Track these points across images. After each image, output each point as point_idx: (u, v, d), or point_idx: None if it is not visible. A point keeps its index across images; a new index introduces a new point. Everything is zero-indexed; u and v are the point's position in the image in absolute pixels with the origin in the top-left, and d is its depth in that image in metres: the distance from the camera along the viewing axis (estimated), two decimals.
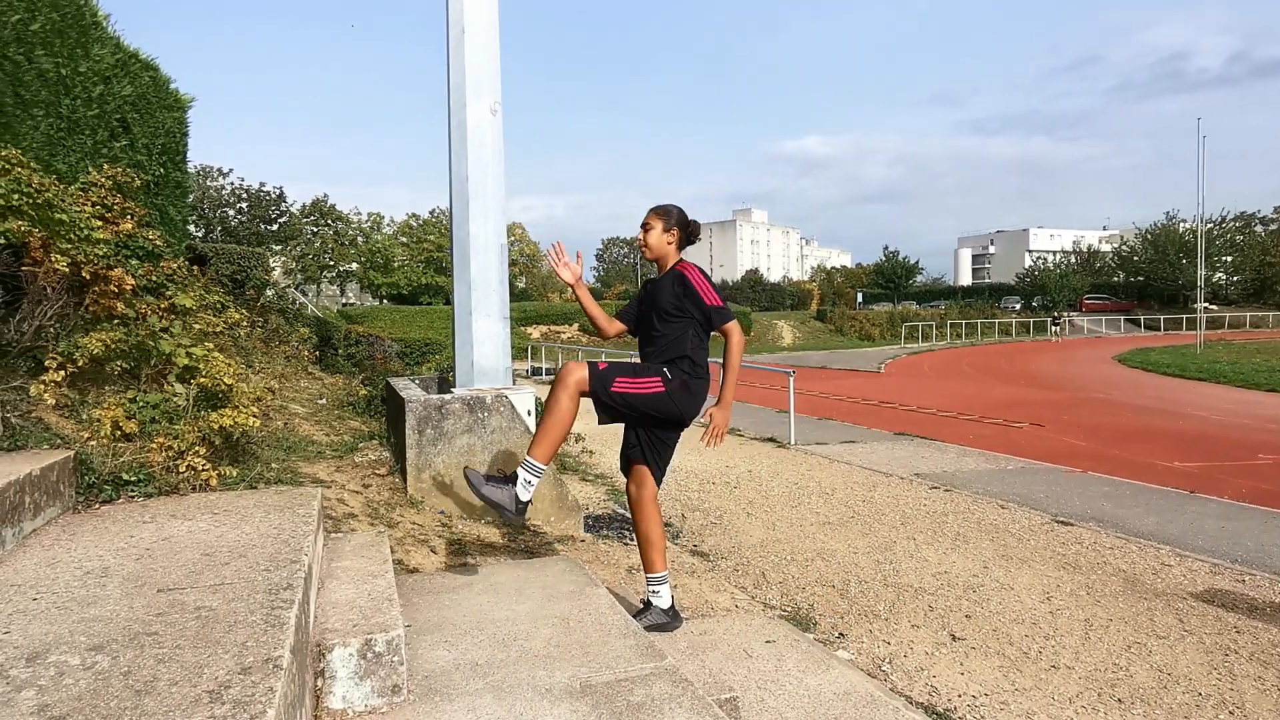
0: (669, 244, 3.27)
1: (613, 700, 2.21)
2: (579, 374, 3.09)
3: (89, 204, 4.24)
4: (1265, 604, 4.25)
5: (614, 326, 3.49)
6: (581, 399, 3.15)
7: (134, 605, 1.84)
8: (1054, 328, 40.99)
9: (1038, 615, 4.09)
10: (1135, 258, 59.47)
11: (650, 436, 3.22)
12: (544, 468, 3.09)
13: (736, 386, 3.20)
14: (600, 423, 3.25)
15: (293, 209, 44.02)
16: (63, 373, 3.20)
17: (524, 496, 3.07)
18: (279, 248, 42.80)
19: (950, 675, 3.43)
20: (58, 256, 3.46)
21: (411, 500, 4.71)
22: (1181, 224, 56.17)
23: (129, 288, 3.96)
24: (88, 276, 3.80)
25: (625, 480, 3.33)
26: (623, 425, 3.31)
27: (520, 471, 3.08)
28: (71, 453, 2.81)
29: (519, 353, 26.19)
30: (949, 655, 3.63)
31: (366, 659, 2.17)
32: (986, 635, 3.85)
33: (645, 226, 3.28)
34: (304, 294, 38.03)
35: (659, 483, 3.26)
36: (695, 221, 3.35)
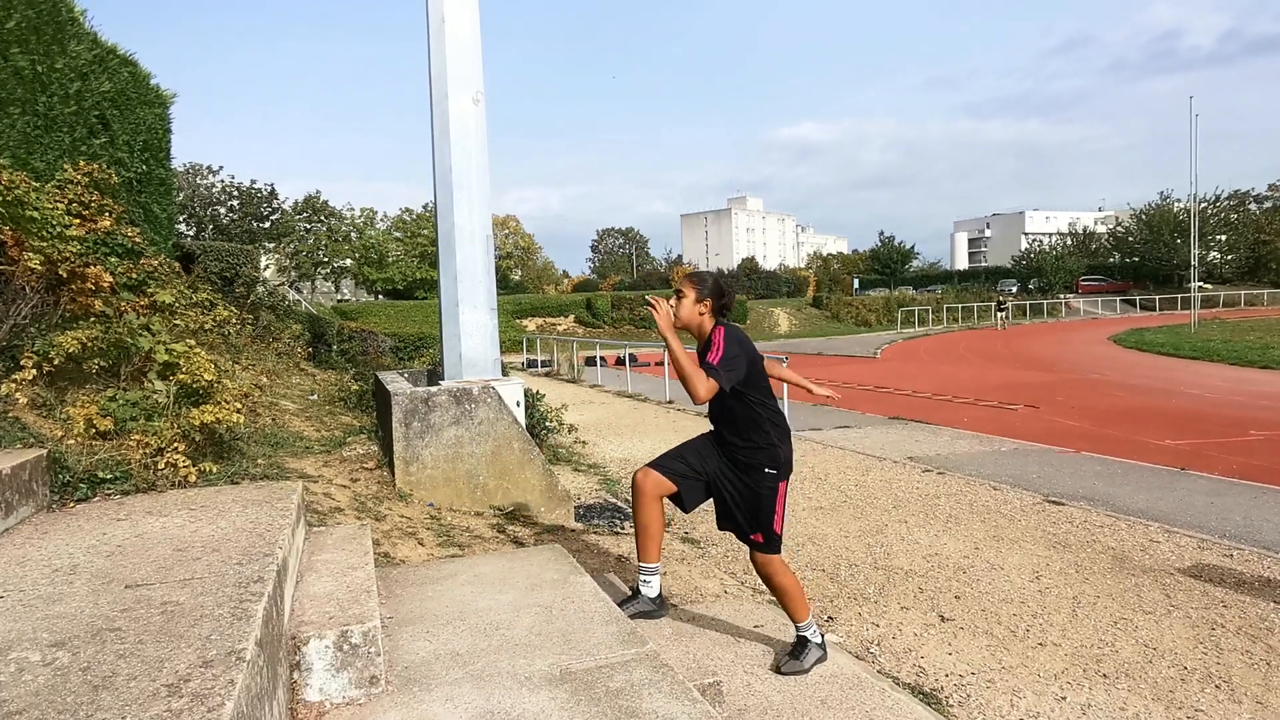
0: (701, 314, 3.08)
1: (591, 687, 2.21)
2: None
3: (64, 201, 4.20)
4: (1253, 578, 4.26)
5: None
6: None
7: (99, 602, 1.83)
8: (999, 314, 36.54)
9: (1027, 594, 4.09)
10: (1130, 238, 59.48)
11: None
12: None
13: (673, 358, 2.99)
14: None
15: (285, 206, 43.80)
16: (35, 372, 3.17)
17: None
18: (272, 245, 42.63)
19: (938, 655, 3.43)
20: (31, 255, 3.43)
21: (400, 493, 4.70)
22: (1176, 204, 56.13)
23: (107, 285, 3.93)
24: (64, 274, 3.77)
25: (643, 471, 3.19)
26: (618, 422, 3.28)
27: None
28: (45, 451, 2.78)
29: (514, 345, 26.16)
30: (938, 636, 3.63)
31: (343, 651, 2.16)
32: (975, 615, 3.85)
33: (678, 294, 3.12)
34: (298, 291, 37.95)
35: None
36: (730, 291, 3.20)
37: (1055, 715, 2.91)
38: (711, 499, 3.21)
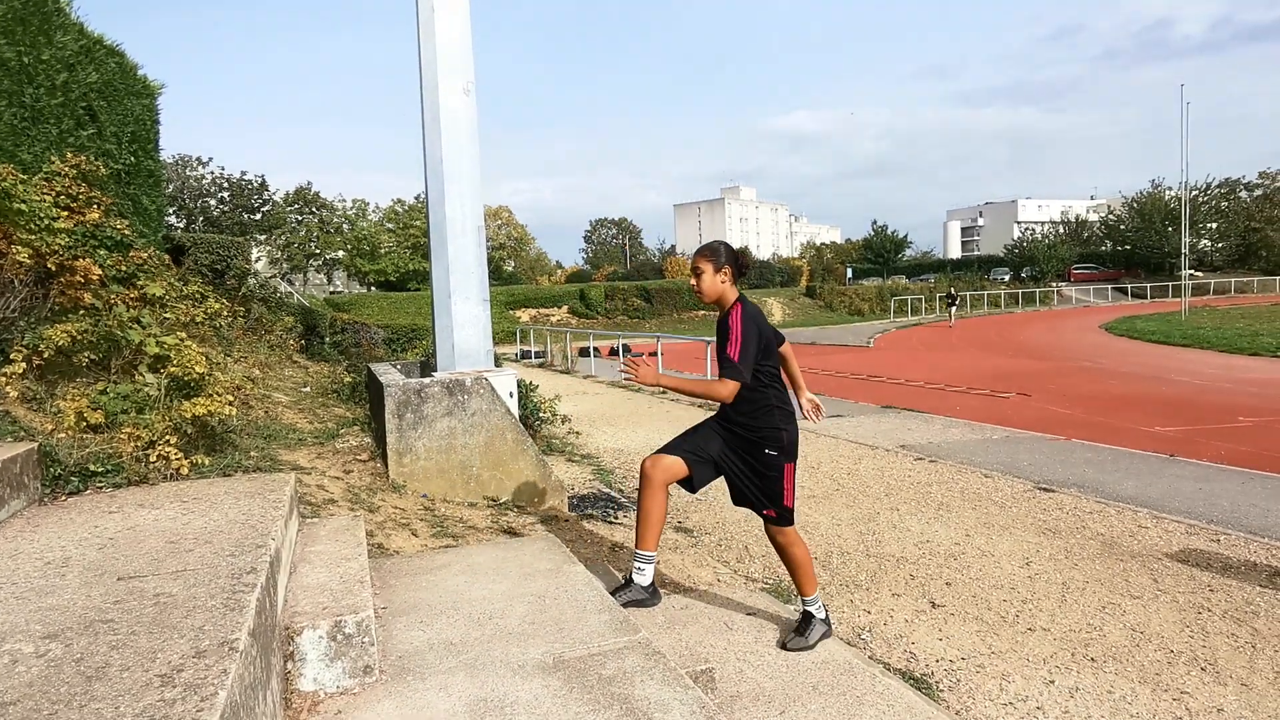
0: (724, 283, 3.13)
1: (584, 675, 2.22)
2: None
3: (52, 194, 4.17)
4: (1239, 562, 4.31)
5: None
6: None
7: (92, 594, 1.83)
8: (952, 308, 34.42)
9: (1016, 580, 4.13)
10: (1122, 226, 59.66)
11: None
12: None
13: (681, 391, 3.33)
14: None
15: (276, 197, 43.55)
16: (25, 365, 3.16)
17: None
18: (263, 237, 42.41)
19: (929, 641, 3.46)
20: (19, 248, 3.41)
21: (393, 485, 4.71)
22: (1167, 192, 56.32)
23: (96, 278, 3.91)
24: (53, 268, 3.75)
25: (651, 459, 3.20)
26: (611, 413, 3.31)
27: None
28: (35, 445, 2.78)
29: (508, 337, 26.12)
30: (928, 622, 3.66)
31: (336, 641, 2.17)
32: (966, 601, 3.88)
33: (696, 271, 3.15)
34: (290, 283, 37.76)
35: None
36: (744, 251, 3.28)
37: (1044, 699, 2.94)
38: (723, 478, 3.26)
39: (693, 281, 3.21)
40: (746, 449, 3.14)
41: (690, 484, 3.22)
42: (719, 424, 3.22)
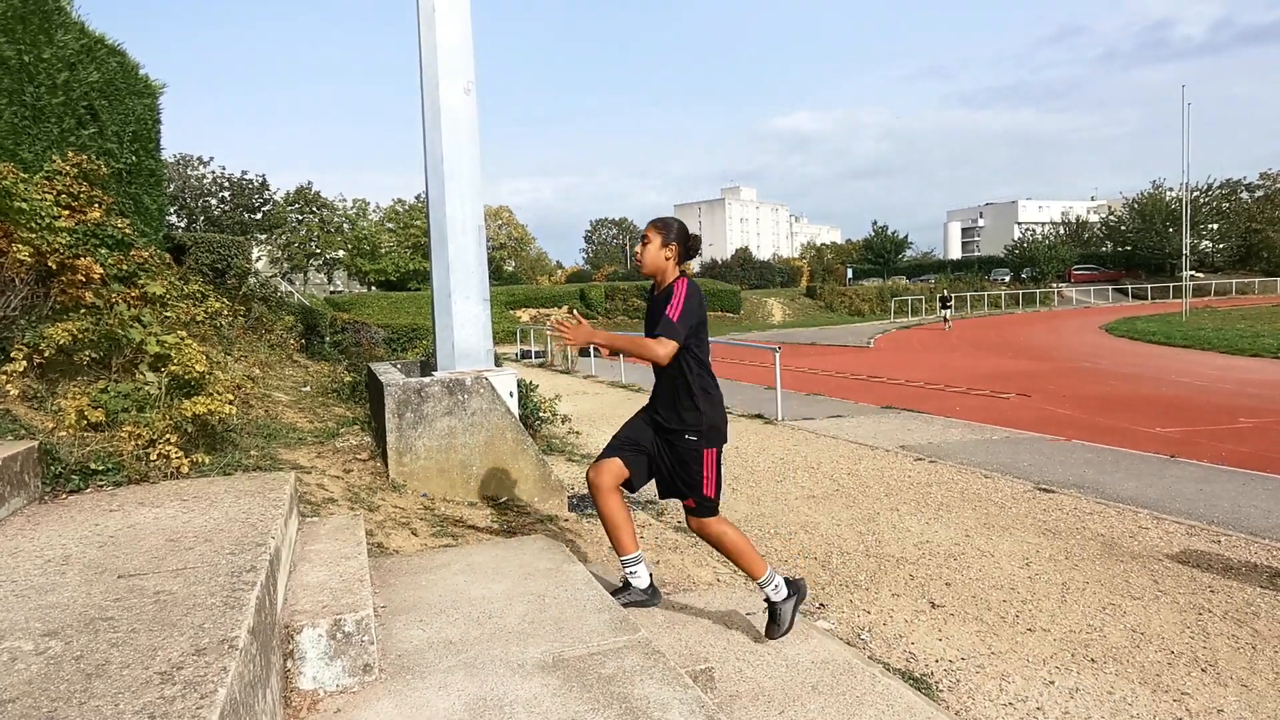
0: (667, 259, 3.10)
1: (584, 674, 2.22)
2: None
3: (53, 193, 4.17)
4: (1240, 564, 4.30)
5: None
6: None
7: (92, 591, 1.83)
8: (944, 312, 32.95)
9: (1016, 581, 4.13)
10: (1122, 227, 59.66)
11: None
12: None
13: (615, 348, 3.23)
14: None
15: (276, 197, 43.56)
16: (26, 364, 3.16)
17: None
18: (263, 237, 42.42)
19: (928, 641, 3.46)
20: (20, 246, 3.41)
21: (393, 484, 4.71)
22: (1168, 193, 56.29)
23: (97, 277, 3.91)
24: (54, 266, 3.76)
25: (594, 467, 3.16)
26: (611, 413, 3.28)
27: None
28: (36, 443, 2.78)
29: (508, 336, 26.13)
30: (928, 622, 3.66)
31: (336, 639, 2.17)
32: (966, 602, 3.88)
33: (644, 239, 3.13)
34: (291, 283, 37.78)
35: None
36: (695, 235, 3.21)
37: (1044, 699, 2.94)
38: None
39: (638, 249, 3.16)
40: (669, 435, 3.09)
41: (630, 484, 3.15)
42: (648, 413, 3.20)
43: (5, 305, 3.54)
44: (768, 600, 3.09)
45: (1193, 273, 42.35)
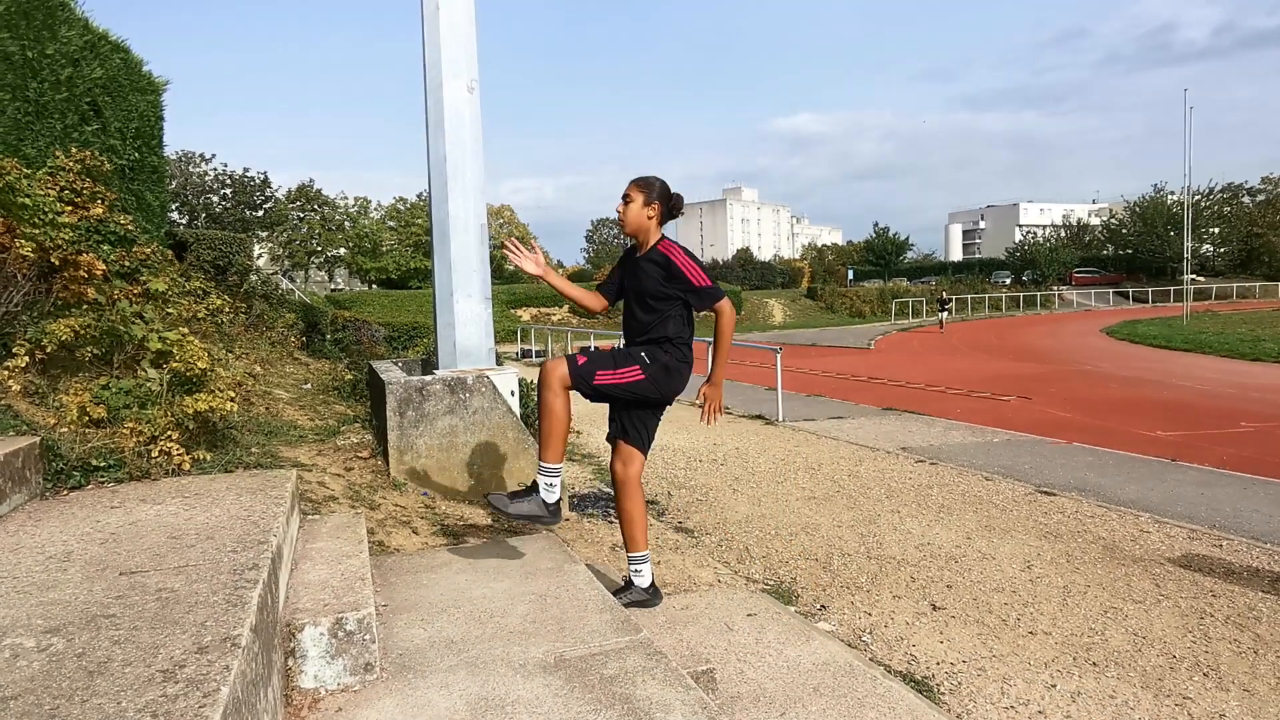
0: (649, 219, 3.09)
1: (586, 674, 2.22)
2: (559, 371, 3.01)
3: (56, 188, 4.17)
4: (1242, 568, 4.30)
5: (600, 301, 3.36)
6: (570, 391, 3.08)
7: (94, 589, 1.83)
8: (942, 313, 33.23)
9: (1018, 583, 4.12)
10: (1124, 231, 59.67)
11: (631, 417, 3.18)
12: (558, 466, 3.04)
13: (726, 357, 3.17)
14: (591, 400, 3.20)
15: (278, 194, 43.59)
16: (28, 359, 3.15)
17: (550, 499, 3.03)
18: (265, 234, 42.43)
19: (930, 644, 3.46)
20: (22, 242, 3.40)
21: (394, 482, 4.70)
22: (1169, 196, 56.31)
23: (99, 273, 3.91)
24: (57, 262, 3.75)
25: (611, 457, 3.27)
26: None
27: (538, 479, 3.04)
28: (37, 439, 2.78)
29: (510, 335, 26.13)
30: (929, 624, 3.65)
31: (338, 638, 2.16)
32: (967, 604, 3.87)
33: (625, 198, 3.10)
34: (292, 280, 37.79)
35: (644, 457, 3.23)
36: (678, 195, 3.17)
37: (1045, 703, 2.94)
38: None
39: (619, 206, 3.14)
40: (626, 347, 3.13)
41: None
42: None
43: (8, 301, 3.53)
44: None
45: (1194, 276, 42.33)
